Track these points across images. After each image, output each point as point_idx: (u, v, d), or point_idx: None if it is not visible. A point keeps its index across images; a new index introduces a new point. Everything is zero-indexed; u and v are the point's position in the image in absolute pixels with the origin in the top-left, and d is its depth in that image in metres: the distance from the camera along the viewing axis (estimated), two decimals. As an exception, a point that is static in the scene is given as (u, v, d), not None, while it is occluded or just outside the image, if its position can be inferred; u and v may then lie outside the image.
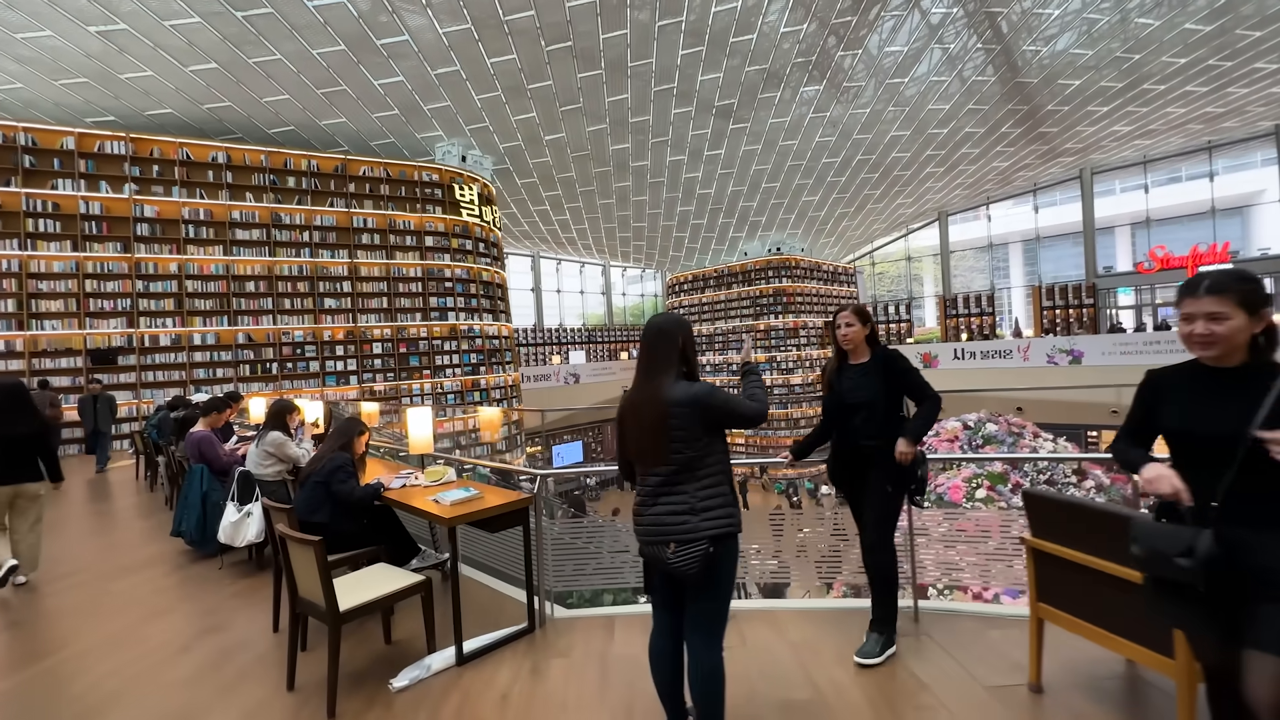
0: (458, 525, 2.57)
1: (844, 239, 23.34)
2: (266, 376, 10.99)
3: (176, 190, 10.35)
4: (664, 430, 1.69)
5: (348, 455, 2.94)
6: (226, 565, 3.71)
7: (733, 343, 22.22)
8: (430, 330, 12.81)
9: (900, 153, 16.88)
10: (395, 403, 12.19)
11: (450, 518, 2.50)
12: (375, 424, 5.60)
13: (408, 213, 12.58)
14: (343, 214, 11.83)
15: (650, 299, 30.80)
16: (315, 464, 2.92)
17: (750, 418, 1.80)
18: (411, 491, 2.95)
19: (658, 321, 1.84)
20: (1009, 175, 19.62)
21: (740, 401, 1.82)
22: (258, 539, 3.34)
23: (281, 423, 3.73)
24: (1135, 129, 16.22)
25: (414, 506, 2.72)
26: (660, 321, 1.84)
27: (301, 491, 2.89)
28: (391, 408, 12.05)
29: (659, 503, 1.72)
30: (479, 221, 13.81)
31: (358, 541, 2.87)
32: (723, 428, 1.77)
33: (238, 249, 10.83)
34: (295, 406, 3.85)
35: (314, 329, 11.48)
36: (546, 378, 21.53)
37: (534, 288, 25.51)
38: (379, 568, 2.57)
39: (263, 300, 11.05)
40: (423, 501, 2.72)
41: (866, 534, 2.41)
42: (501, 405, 14.10)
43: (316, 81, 10.46)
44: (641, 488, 1.80)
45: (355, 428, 3.06)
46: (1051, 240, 21.93)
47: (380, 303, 12.23)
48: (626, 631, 2.73)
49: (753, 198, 18.68)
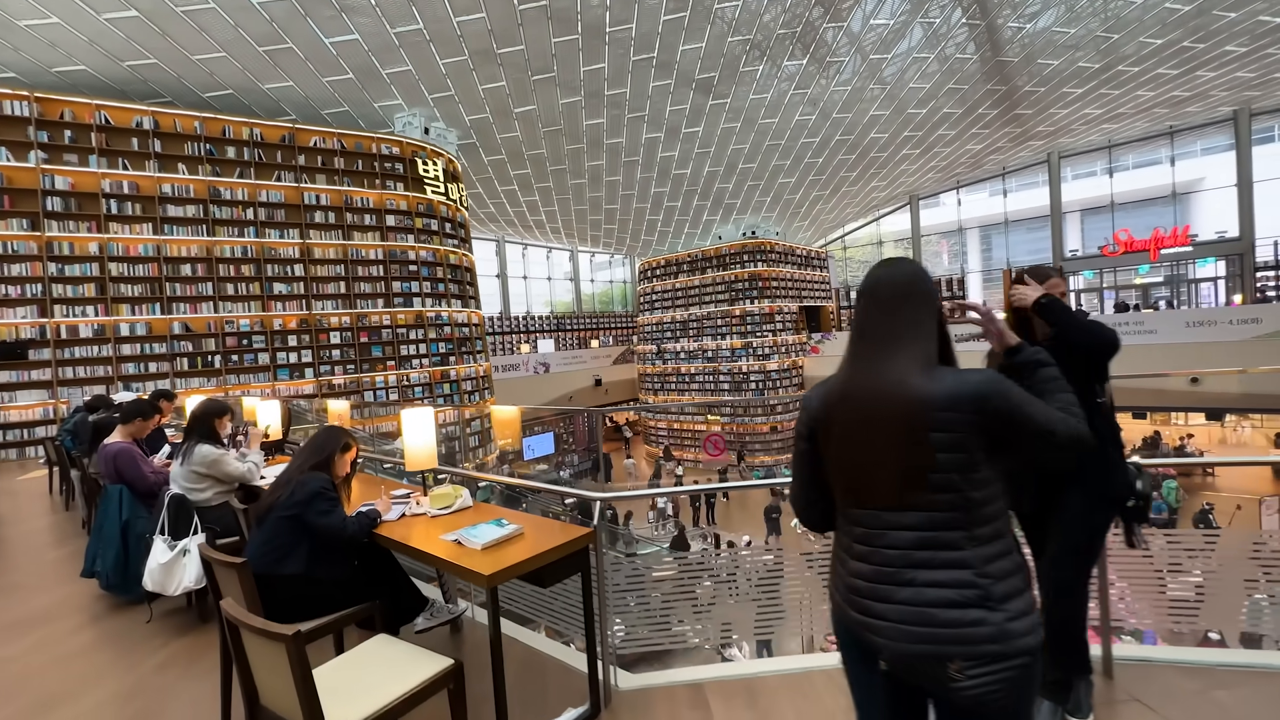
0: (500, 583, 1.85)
1: (817, 222, 23.12)
2: (208, 371, 9.85)
3: (94, 160, 9.04)
4: (920, 447, 1.04)
5: (326, 477, 2.19)
6: (157, 617, 2.81)
7: (708, 330, 21.77)
8: (394, 318, 11.80)
9: (879, 133, 16.61)
10: (358, 397, 11.19)
11: (492, 574, 1.77)
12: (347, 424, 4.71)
13: (366, 189, 11.49)
14: (292, 189, 10.68)
15: (620, 285, 30.06)
16: (279, 490, 2.15)
17: (1069, 439, 1.06)
18: (414, 525, 2.25)
19: (894, 272, 1.18)
20: (981, 158, 19.68)
21: (1047, 410, 1.08)
22: (198, 584, 2.51)
23: (209, 431, 2.89)
24: (1105, 112, 16.37)
25: (428, 554, 1.98)
26: (899, 272, 1.18)
27: (259, 531, 2.10)
28: (355, 404, 11.09)
29: (912, 575, 1.05)
30: (445, 200, 12.80)
31: (345, 596, 2.12)
32: (1011, 448, 1.07)
33: (170, 227, 9.60)
34: (226, 409, 3.03)
35: (262, 317, 10.35)
36: (515, 367, 20.64)
37: (499, 274, 24.44)
38: (380, 644, 1.80)
39: (201, 285, 9.85)
40: (437, 543, 2.02)
41: (1050, 570, 1.81)
42: (474, 398, 13.23)
43: (257, 37, 9.28)
44: (861, 541, 1.13)
45: (338, 441, 2.32)
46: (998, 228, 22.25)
47: (337, 288, 11.15)
48: (725, 705, 2.07)
49: (729, 179, 18.14)
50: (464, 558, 1.89)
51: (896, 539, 1.07)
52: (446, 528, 2.17)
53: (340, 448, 2.33)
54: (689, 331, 22.37)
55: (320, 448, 2.29)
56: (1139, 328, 15.38)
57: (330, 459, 2.29)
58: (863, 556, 1.12)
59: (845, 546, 1.18)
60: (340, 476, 2.35)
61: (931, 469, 1.04)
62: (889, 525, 1.08)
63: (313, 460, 2.24)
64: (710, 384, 21.58)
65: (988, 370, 1.11)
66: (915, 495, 1.05)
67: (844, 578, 1.16)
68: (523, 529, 2.07)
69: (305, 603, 2.00)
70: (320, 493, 2.10)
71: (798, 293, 22.03)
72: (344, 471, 2.37)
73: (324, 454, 2.27)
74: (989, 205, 23.17)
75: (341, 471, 2.36)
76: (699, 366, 21.90)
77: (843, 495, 1.17)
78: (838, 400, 1.17)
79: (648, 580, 2.46)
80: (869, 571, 1.11)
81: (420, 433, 2.38)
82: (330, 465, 2.28)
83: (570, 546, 1.99)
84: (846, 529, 1.18)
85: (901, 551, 1.07)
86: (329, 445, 2.31)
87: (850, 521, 1.16)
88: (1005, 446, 1.06)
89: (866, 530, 1.12)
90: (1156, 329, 15.13)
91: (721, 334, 21.36)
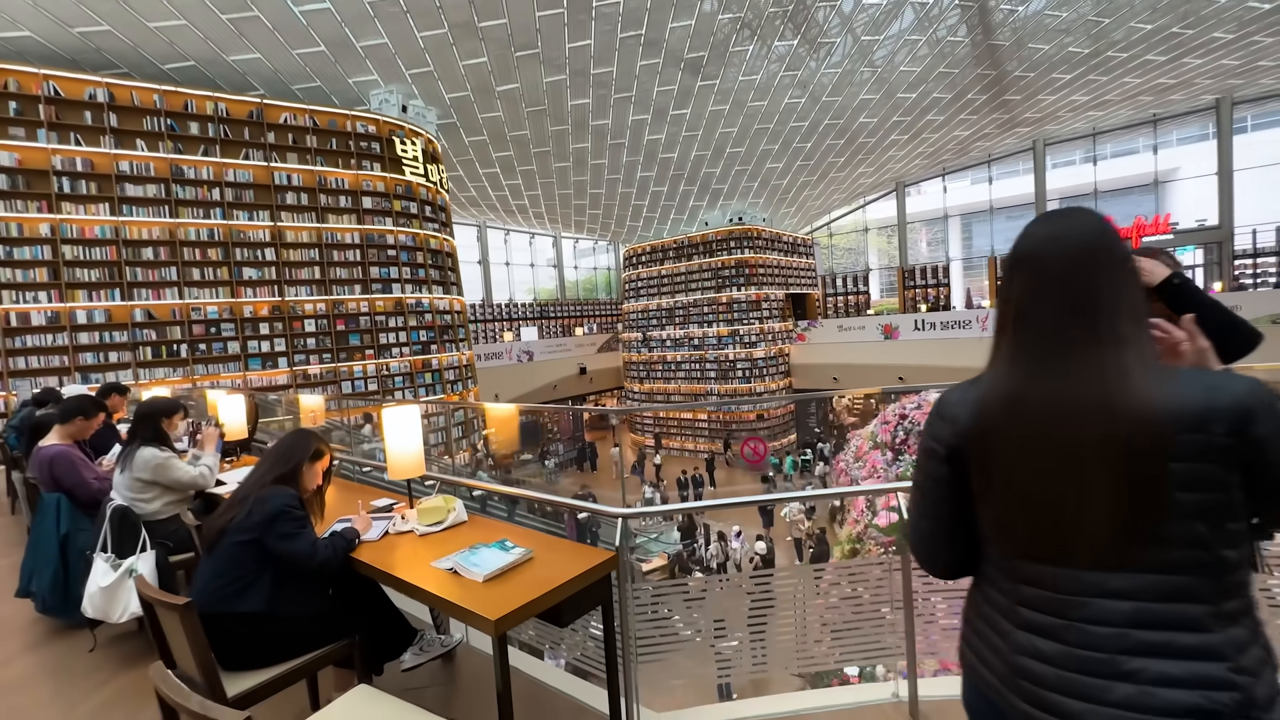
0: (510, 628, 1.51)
1: (804, 209, 22.93)
2: (174, 361, 9.33)
3: (43, 134, 8.40)
4: (1152, 484, 0.74)
5: (291, 492, 1.83)
6: (102, 645, 2.45)
7: (695, 317, 21.52)
8: (372, 305, 11.33)
9: (867, 118, 16.39)
10: (335, 388, 10.75)
11: (501, 617, 1.42)
12: (321, 424, 4.28)
13: (340, 169, 10.94)
14: (261, 168, 10.11)
15: (604, 271, 29.64)
16: (234, 509, 1.79)
17: None
18: (398, 547, 1.89)
19: (1071, 227, 0.86)
20: (968, 145, 19.61)
21: None
22: None
23: (156, 432, 2.53)
24: (1092, 98, 16.34)
25: (418, 588, 1.63)
26: (1079, 228, 0.85)
27: (209, 561, 1.74)
28: (332, 395, 10.66)
29: (1135, 666, 0.74)
30: (424, 182, 12.29)
31: (319, 633, 1.78)
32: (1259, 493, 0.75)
33: (129, 208, 9.01)
34: (176, 406, 2.68)
35: (231, 304, 9.83)
36: (498, 355, 20.21)
37: (481, 260, 23.87)
38: (360, 701, 1.44)
39: (165, 270, 9.30)
40: (429, 572, 1.69)
41: None
42: (457, 388, 12.83)
43: (221, 4, 8.68)
44: (1041, 607, 0.82)
45: (306, 447, 1.97)
46: (982, 216, 22.32)
47: (311, 273, 10.64)
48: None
49: (716, 163, 17.81)
50: (463, 594, 1.55)
51: (1106, 611, 0.77)
52: (439, 550, 1.83)
53: (310, 456, 1.96)
54: (675, 319, 22.12)
55: (285, 455, 1.92)
56: (1122, 315, 15.51)
57: (297, 470, 1.92)
58: (1044, 630, 0.81)
59: (1003, 608, 0.87)
60: (310, 490, 1.99)
61: (1166, 516, 0.74)
62: (1094, 591, 0.78)
63: (276, 471, 1.88)
64: (697, 372, 21.39)
65: (1245, 376, 0.76)
66: (1140, 551, 0.75)
67: (1004, 652, 0.86)
68: (532, 553, 1.73)
69: (269, 644, 1.69)
70: (284, 512, 1.75)
71: (784, 280, 21.87)
72: (314, 484, 2.00)
73: (289, 463, 1.90)
74: (971, 194, 23.21)
75: (311, 484, 1.99)
76: (685, 354, 21.68)
77: (1008, 543, 0.86)
78: (1003, 411, 0.85)
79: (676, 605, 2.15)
80: (1057, 653, 0.79)
81: (404, 435, 2.06)
82: (297, 477, 1.92)
83: (590, 575, 1.66)
84: (1008, 587, 0.87)
85: (1116, 630, 0.76)
86: (296, 453, 1.94)
87: (1018, 578, 0.85)
88: (1256, 488, 0.74)
89: (1051, 595, 0.81)
90: (1139, 316, 15.26)
91: (708, 321, 21.15)
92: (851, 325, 20.23)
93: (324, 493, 2.11)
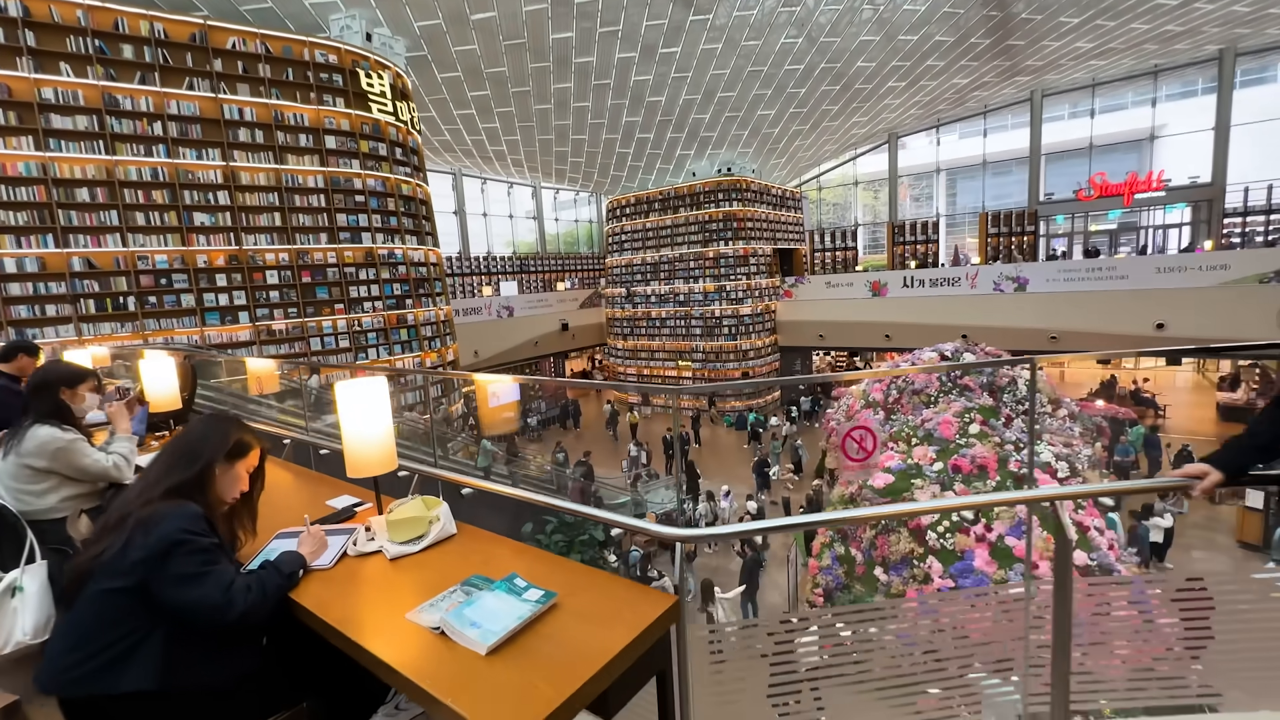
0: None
1: (794, 160, 22.15)
2: (121, 315, 8.54)
3: (-54, 53, 7.33)
4: None
5: (194, 511, 1.28)
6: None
7: (680, 272, 20.91)
8: (340, 255, 10.53)
9: (865, 62, 15.57)
10: (304, 344, 10.07)
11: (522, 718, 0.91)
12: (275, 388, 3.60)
13: (299, 103, 9.92)
14: (208, 100, 9.08)
15: (586, 224, 28.63)
16: (104, 539, 1.24)
17: None
18: (360, 580, 1.37)
19: None
20: (965, 94, 18.91)
21: None
22: (36, 639, 1.69)
23: (56, 407, 1.99)
24: (1096, 45, 15.71)
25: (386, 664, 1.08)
26: None
27: (68, 621, 1.22)
28: (301, 352, 9.99)
29: None
30: (393, 121, 11.30)
31: (246, 707, 1.28)
32: None
33: (57, 142, 8.01)
34: (83, 374, 2.11)
35: (183, 252, 8.98)
36: (477, 311, 19.49)
37: (457, 210, 22.74)
38: None
39: (104, 213, 8.39)
40: (403, 630, 1.16)
41: None
42: (435, 345, 12.20)
43: (148, -99, 7.53)
44: None
45: (220, 439, 1.41)
46: (971, 171, 21.84)
47: (271, 219, 9.77)
48: None
49: (706, 108, 16.88)
50: (458, 676, 1.02)
51: None
52: (418, 585, 1.31)
53: (226, 452, 1.39)
54: (660, 274, 21.50)
55: (187, 453, 1.35)
56: (1111, 273, 15.41)
57: (205, 474, 1.35)
58: None
59: None
60: (227, 504, 1.43)
61: None
62: None
63: (173, 478, 1.32)
64: (682, 329, 20.97)
65: None
66: None
67: None
68: (556, 596, 1.21)
69: None
70: (181, 542, 1.20)
71: (772, 234, 21.29)
72: (234, 494, 1.43)
73: (194, 465, 1.34)
74: (959, 149, 22.63)
75: (229, 494, 1.41)
76: (670, 310, 21.19)
77: None
78: None
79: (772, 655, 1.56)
80: None
81: (367, 417, 1.51)
82: (205, 486, 1.35)
83: (646, 637, 1.13)
84: None
85: None
86: (204, 449, 1.37)
87: None
88: None
89: None
90: (1127, 274, 15.17)
91: (694, 277, 20.59)
92: (840, 282, 19.87)
93: (254, 503, 1.52)
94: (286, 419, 4.48)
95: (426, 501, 1.56)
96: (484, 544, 1.53)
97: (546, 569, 1.37)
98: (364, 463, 1.56)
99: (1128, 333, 14.72)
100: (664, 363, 21.51)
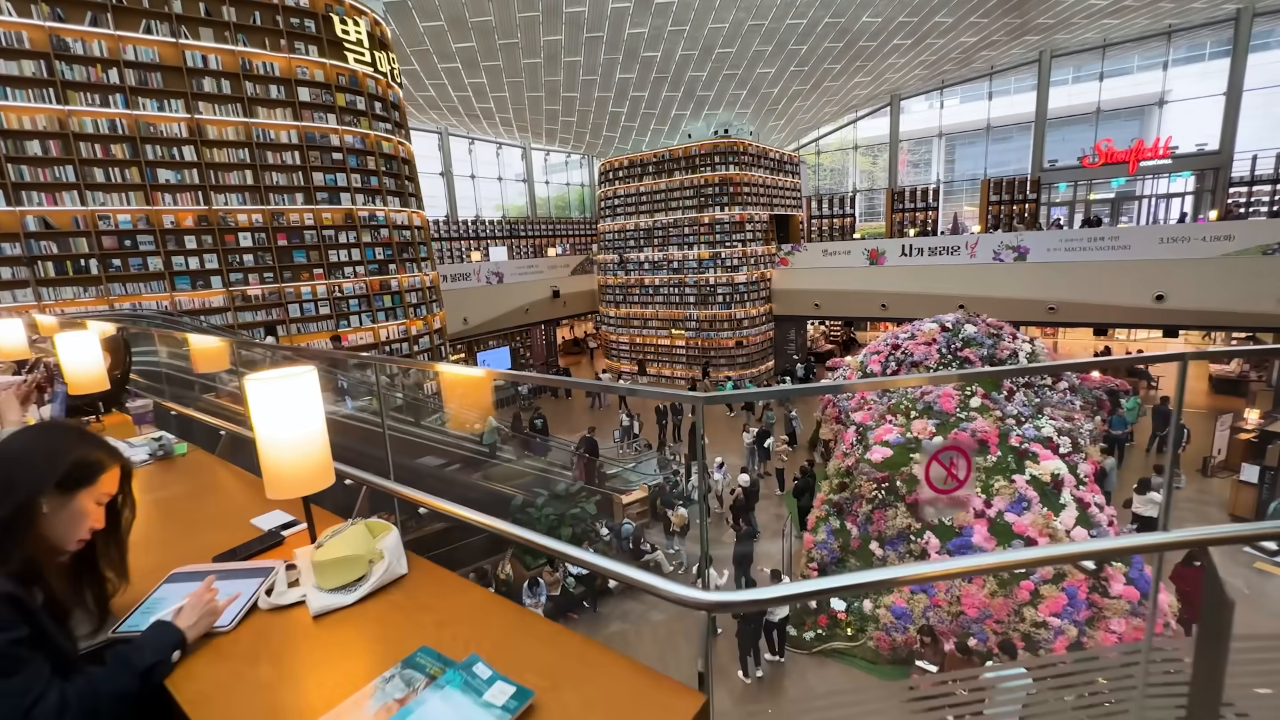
0: None
1: (793, 122, 21.42)
2: (84, 278, 8.05)
3: None
4: None
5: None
6: None
7: (674, 238, 20.37)
8: (318, 217, 9.99)
9: (871, 17, 14.84)
10: (280, 311, 9.63)
11: None
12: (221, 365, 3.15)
13: (269, 51, 9.23)
14: (168, 46, 8.40)
15: (578, 188, 27.82)
16: None
17: None
18: (259, 658, 0.99)
19: None
20: (972, 53, 18.19)
21: None
22: None
23: None
24: (1111, 2, 15.04)
25: None
26: None
27: None
28: (278, 319, 9.56)
29: None
30: (372, 72, 10.60)
31: None
32: None
33: (0, 89, 7.37)
34: None
35: (147, 211, 8.43)
36: (466, 277, 18.92)
37: (444, 172, 21.91)
38: None
39: (59, 169, 7.81)
40: None
41: None
42: (421, 312, 11.77)
43: None
44: None
45: (48, 461, 0.98)
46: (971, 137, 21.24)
47: (243, 177, 9.19)
48: None
49: (704, 65, 16.12)
50: None
51: None
52: (347, 664, 0.96)
53: (59, 480, 0.98)
54: (654, 240, 20.95)
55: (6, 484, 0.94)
56: (1114, 243, 15.10)
57: (23, 515, 0.94)
58: None
59: None
60: (65, 553, 1.01)
61: None
62: None
63: None
64: (675, 296, 20.56)
65: None
66: None
67: None
68: (534, 696, 0.85)
69: None
70: None
71: (769, 200, 20.71)
72: (78, 537, 1.01)
73: (4, 504, 0.92)
74: (960, 113, 21.97)
75: (69, 540, 1.00)
76: (664, 278, 20.73)
77: None
78: None
79: None
80: None
81: (292, 419, 1.15)
82: (24, 532, 0.93)
83: None
84: None
85: None
86: (18, 477, 0.96)
87: None
88: None
89: None
90: (1130, 245, 14.87)
91: (688, 243, 20.07)
92: (836, 250, 19.43)
93: (122, 538, 1.11)
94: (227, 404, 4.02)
95: (371, 527, 1.21)
96: (443, 592, 1.17)
97: (525, 640, 1.01)
98: (287, 479, 1.17)
99: (1127, 304, 14.53)
100: (657, 331, 21.17)
